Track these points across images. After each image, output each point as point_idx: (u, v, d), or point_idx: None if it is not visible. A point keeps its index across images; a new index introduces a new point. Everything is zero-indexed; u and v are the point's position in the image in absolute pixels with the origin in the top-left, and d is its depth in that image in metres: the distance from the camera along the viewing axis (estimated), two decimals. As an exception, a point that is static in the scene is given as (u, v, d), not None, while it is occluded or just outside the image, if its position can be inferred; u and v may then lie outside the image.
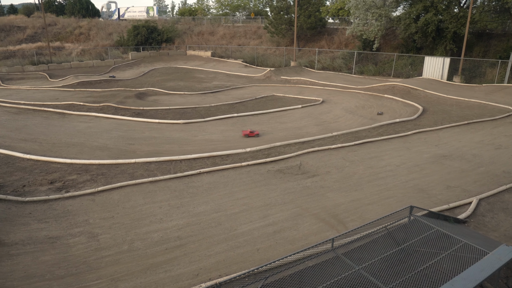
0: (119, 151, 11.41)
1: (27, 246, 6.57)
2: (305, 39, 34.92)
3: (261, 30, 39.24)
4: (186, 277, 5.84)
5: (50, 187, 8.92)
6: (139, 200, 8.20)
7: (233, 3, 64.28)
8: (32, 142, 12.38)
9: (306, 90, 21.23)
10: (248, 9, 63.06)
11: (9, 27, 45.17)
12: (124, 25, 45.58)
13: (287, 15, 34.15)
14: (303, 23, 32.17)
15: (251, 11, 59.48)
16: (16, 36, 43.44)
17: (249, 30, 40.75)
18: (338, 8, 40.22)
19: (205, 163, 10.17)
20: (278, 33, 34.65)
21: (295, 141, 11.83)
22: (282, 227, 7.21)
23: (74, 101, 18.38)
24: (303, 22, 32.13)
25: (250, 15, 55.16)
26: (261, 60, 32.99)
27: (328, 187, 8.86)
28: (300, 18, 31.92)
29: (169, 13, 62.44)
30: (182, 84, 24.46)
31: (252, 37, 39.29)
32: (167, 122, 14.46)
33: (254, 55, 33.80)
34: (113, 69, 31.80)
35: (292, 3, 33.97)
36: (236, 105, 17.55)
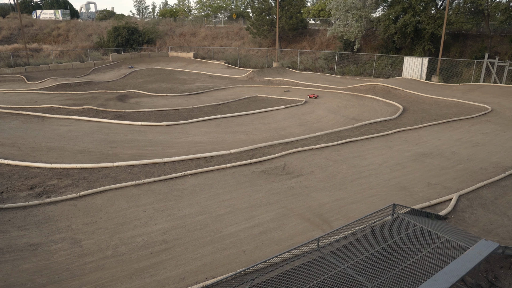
0: (101, 154, 11.21)
1: (7, 254, 6.39)
2: (287, 40, 35.12)
3: (243, 31, 39.27)
4: (173, 281, 5.79)
5: (30, 192, 8.70)
6: (123, 204, 8.08)
7: (214, 4, 64.12)
8: (10, 147, 12.04)
9: (289, 90, 21.35)
10: (229, 10, 63.01)
11: (-17, 28, 43.79)
12: (104, 26, 44.84)
13: (269, 16, 34.29)
14: (284, 24, 32.35)
15: (232, 12, 59.45)
16: (-9, 37, 42.15)
17: (231, 31, 40.71)
18: (319, 9, 40.62)
19: (189, 165, 10.10)
20: (260, 34, 34.76)
21: (279, 142, 11.89)
22: (268, 228, 7.24)
23: (53, 104, 17.97)
24: (285, 23, 32.32)
25: (232, 16, 55.13)
26: (244, 61, 33.01)
27: (312, 187, 8.93)
28: (282, 19, 32.10)
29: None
30: (164, 85, 24.23)
31: (234, 38, 39.27)
32: (149, 124, 14.30)
33: (236, 56, 33.79)
34: (93, 71, 31.23)
35: (273, 4, 34.13)
36: (219, 106, 17.51)
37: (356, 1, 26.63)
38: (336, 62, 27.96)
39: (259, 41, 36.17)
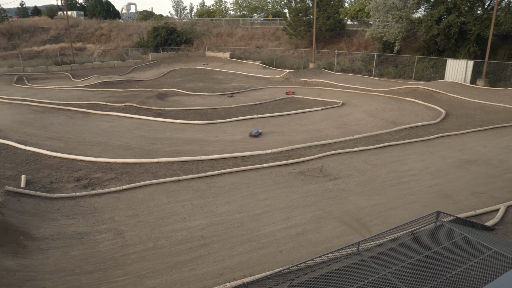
0: (142, 150, 11.60)
1: (57, 241, 6.76)
2: (324, 41, 34.77)
3: (280, 32, 39.26)
4: (211, 276, 5.90)
5: (77, 184, 9.14)
6: (163, 199, 8.33)
7: (251, 5, 64.53)
8: (58, 140, 12.71)
9: (326, 92, 21.14)
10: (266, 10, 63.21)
11: (34, 28, 46.42)
12: (144, 26, 46.27)
13: (306, 17, 34.07)
14: (322, 24, 32.05)
15: (269, 13, 59.58)
16: (40, 37, 44.61)
17: (268, 31, 40.81)
18: (357, 10, 39.89)
19: (226, 164, 10.25)
20: (297, 35, 34.61)
21: (316, 144, 11.80)
22: (305, 230, 7.21)
23: (97, 101, 18.77)
24: (322, 23, 32.01)
25: (268, 16, 55.27)
26: (280, 62, 32.99)
27: (350, 190, 8.81)
28: (319, 20, 31.81)
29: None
30: (201, 85, 24.68)
31: (271, 38, 39.33)
32: (188, 122, 14.63)
33: (272, 57, 33.84)
34: (133, 70, 32.32)
35: (311, 5, 33.88)
36: (255, 106, 17.61)
37: (397, 2, 25.93)
38: (374, 63, 27.36)
39: (296, 41, 36.03)
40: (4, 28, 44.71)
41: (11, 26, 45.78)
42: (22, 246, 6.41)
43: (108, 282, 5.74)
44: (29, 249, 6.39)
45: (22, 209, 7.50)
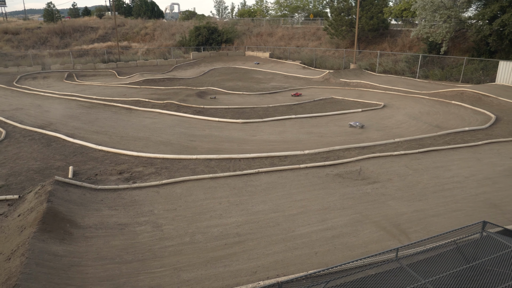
0: (181, 146, 11.90)
1: (99, 230, 7.08)
2: (366, 41, 33.95)
3: (320, 32, 38.80)
4: (245, 274, 5.94)
5: (119, 177, 9.53)
6: (200, 195, 8.49)
7: (292, 5, 64.23)
8: (103, 135, 13.32)
9: (367, 93, 20.63)
10: (307, 10, 62.66)
11: (84, 27, 48.92)
12: (186, 26, 47.36)
13: (348, 16, 33.42)
14: (364, 24, 31.30)
15: (310, 12, 59.03)
16: (89, 36, 46.92)
17: (308, 31, 40.45)
18: (402, 9, 38.56)
19: (263, 163, 10.28)
20: (338, 35, 34.04)
21: (355, 146, 11.55)
22: (341, 233, 7.09)
23: (140, 98, 19.48)
24: (365, 23, 31.26)
25: (309, 16, 54.77)
26: (320, 62, 32.60)
27: (389, 195, 8.55)
28: (362, 20, 31.09)
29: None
30: (240, 84, 24.91)
31: (311, 38, 38.95)
32: (226, 121, 14.83)
33: (312, 57, 33.51)
34: (175, 68, 33.20)
35: (353, 4, 33.19)
36: (294, 106, 17.52)
37: (446, 0, 24.79)
38: (419, 65, 26.34)
39: (337, 41, 35.46)
40: (57, 27, 47.47)
41: (64, 25, 48.52)
42: (68, 233, 6.77)
43: (146, 273, 5.93)
44: (74, 236, 6.74)
45: (69, 198, 7.93)
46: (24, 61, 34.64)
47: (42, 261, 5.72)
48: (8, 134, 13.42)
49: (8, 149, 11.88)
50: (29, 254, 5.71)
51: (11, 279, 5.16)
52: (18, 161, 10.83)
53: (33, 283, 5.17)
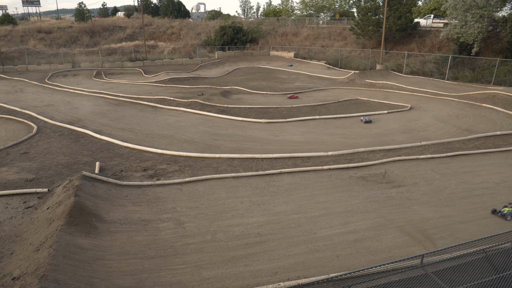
0: (204, 145, 12.00)
1: (124, 225, 7.23)
2: (393, 41, 33.22)
3: (346, 32, 38.25)
4: (265, 274, 5.93)
5: (144, 174, 9.70)
6: (222, 193, 8.54)
7: (317, 4, 63.70)
8: (129, 132, 13.60)
9: (393, 95, 20.19)
10: (333, 10, 61.99)
11: (112, 27, 50.15)
12: (212, 26, 47.74)
13: (375, 16, 32.78)
14: (392, 24, 30.63)
15: (336, 12, 58.35)
16: (118, 35, 48.04)
17: (334, 31, 39.98)
18: (432, 9, 37.52)
19: (286, 164, 10.23)
20: (364, 35, 33.44)
21: (379, 148, 11.32)
22: (364, 236, 6.96)
23: (165, 96, 19.79)
24: (392, 23, 30.58)
25: (335, 16, 54.14)
26: (345, 62, 32.14)
27: (415, 200, 8.33)
28: (389, 19, 30.44)
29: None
30: (264, 84, 24.89)
31: (337, 38, 38.48)
32: (249, 120, 14.85)
33: (337, 57, 33.08)
34: (200, 67, 33.54)
35: (381, 4, 32.53)
36: (318, 107, 17.35)
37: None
38: (448, 66, 25.54)
39: (363, 42, 34.85)
40: (88, 27, 48.87)
41: (94, 25, 49.90)
42: (93, 227, 6.95)
43: (168, 269, 6.01)
44: (99, 231, 6.91)
45: (95, 193, 8.14)
46: (55, 59, 35.85)
47: (68, 253, 5.89)
48: (40, 130, 13.92)
49: (39, 144, 12.32)
50: (56, 246, 5.90)
51: (40, 269, 5.34)
52: (48, 156, 11.20)
53: (60, 274, 5.33)
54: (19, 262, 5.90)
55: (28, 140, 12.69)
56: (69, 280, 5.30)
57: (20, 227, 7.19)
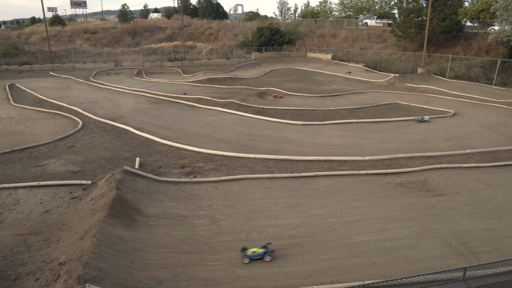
0: (240, 145, 12.12)
1: (161, 220, 7.45)
2: (436, 44, 32.01)
3: (387, 34, 37.29)
4: (299, 276, 5.90)
5: (181, 171, 9.94)
6: (257, 194, 8.58)
7: (357, 5, 62.54)
8: (168, 129, 13.98)
9: (435, 100, 19.46)
10: (373, 11, 60.66)
11: (153, 27, 51.75)
12: (249, 27, 48.10)
13: (418, 18, 31.70)
14: (436, 26, 29.52)
15: (376, 14, 57.04)
16: (158, 35, 49.50)
17: (373, 33, 39.11)
18: (479, 10, 35.76)
19: (321, 167, 10.13)
20: (406, 37, 32.43)
21: (420, 155, 10.95)
22: (401, 245, 6.76)
23: (203, 96, 20.15)
24: (436, 25, 29.46)
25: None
26: (384, 65, 31.34)
27: (457, 210, 7.99)
28: (433, 21, 29.35)
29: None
30: (301, 85, 24.76)
31: (376, 40, 37.62)
32: (285, 122, 14.83)
33: (377, 60, 32.31)
34: (237, 68, 33.88)
35: (424, 5, 31.43)
36: (355, 110, 17.04)
37: (533, 1, 22.54)
38: (496, 71, 24.26)
39: (404, 44, 33.82)
40: (130, 27, 50.75)
41: (135, 25, 51.75)
42: (133, 220, 7.21)
43: (203, 265, 6.13)
44: (139, 224, 7.16)
45: (135, 188, 8.43)
46: (99, 58, 37.50)
47: (110, 244, 6.15)
48: (84, 125, 14.61)
49: (84, 138, 12.94)
50: (99, 236, 6.17)
51: (84, 257, 5.62)
52: (92, 150, 11.74)
53: (102, 263, 5.57)
54: (65, 249, 6.23)
55: (74, 135, 13.36)
56: (110, 268, 5.54)
57: (66, 216, 7.59)
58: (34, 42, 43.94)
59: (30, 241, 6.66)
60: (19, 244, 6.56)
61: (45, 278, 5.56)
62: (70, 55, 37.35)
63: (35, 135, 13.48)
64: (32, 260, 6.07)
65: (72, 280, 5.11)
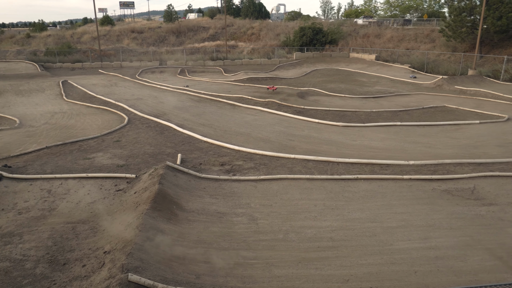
0: (280, 145, 12.10)
1: (201, 215, 7.59)
2: (490, 45, 30.24)
3: (435, 34, 35.73)
4: (336, 280, 5.79)
5: (221, 168, 10.09)
6: (296, 194, 8.53)
7: (404, 4, 60.43)
8: (209, 127, 14.24)
9: (487, 104, 18.38)
10: (421, 10, 58.34)
11: (197, 27, 52.96)
12: (291, 26, 47.91)
13: (470, 17, 30.10)
14: (490, 25, 27.87)
15: (424, 12, 54.81)
16: (201, 35, 50.59)
17: (421, 33, 37.61)
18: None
19: (362, 169, 9.89)
20: (456, 37, 30.87)
21: (469, 161, 10.38)
22: (446, 254, 6.44)
23: (243, 95, 20.33)
24: (491, 24, 27.80)
25: (422, 16, 50.90)
26: (432, 67, 30.04)
27: (509, 221, 7.49)
28: (487, 20, 27.72)
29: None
30: (342, 86, 24.32)
31: (424, 41, 36.14)
32: (326, 123, 14.62)
33: (424, 61, 31.03)
34: (278, 68, 33.87)
35: (478, 3, 29.76)
36: (399, 113, 16.47)
37: None
38: (557, 74, 22.54)
39: (454, 44, 32.24)
40: (174, 27, 52.28)
41: (180, 25, 53.19)
42: (174, 214, 7.40)
43: (240, 262, 6.17)
44: (179, 218, 7.34)
45: (177, 183, 8.66)
46: (145, 56, 38.90)
47: (151, 236, 6.35)
48: (130, 121, 15.22)
49: (129, 134, 13.48)
50: (142, 228, 6.40)
51: (127, 247, 5.84)
52: (136, 145, 12.20)
53: (143, 254, 5.77)
54: (109, 238, 6.52)
55: (120, 130, 13.96)
56: (151, 260, 5.72)
57: (111, 207, 7.94)
58: (86, 41, 46.42)
59: (78, 229, 7.03)
60: (69, 231, 6.94)
61: (91, 265, 5.85)
62: (118, 54, 39.08)
63: (85, 129, 14.23)
64: (79, 247, 6.41)
65: (116, 268, 5.33)
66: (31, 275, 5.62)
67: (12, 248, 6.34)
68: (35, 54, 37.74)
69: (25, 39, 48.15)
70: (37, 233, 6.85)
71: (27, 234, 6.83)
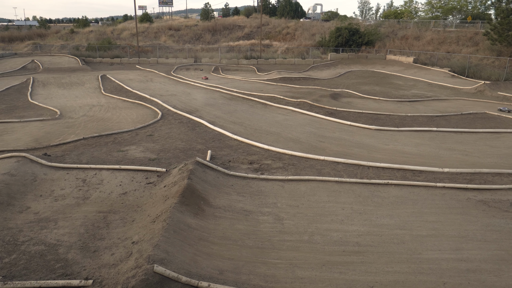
0: (309, 146, 12.00)
1: (227, 212, 7.67)
2: (539, 50, 28.56)
3: (479, 36, 34.16)
4: (360, 286, 5.68)
5: (249, 166, 10.14)
6: (323, 197, 8.43)
7: (446, 5, 58.15)
8: (239, 125, 14.35)
9: (531, 112, 17.39)
10: (464, 12, 55.95)
11: (232, 26, 53.40)
12: (327, 27, 47.30)
13: (519, 20, 28.55)
14: (540, 30, 26.34)
15: (468, 14, 52.50)
16: (236, 33, 50.96)
17: (463, 35, 36.07)
18: None
19: (394, 175, 9.62)
20: (502, 41, 29.38)
21: (509, 171, 9.86)
22: (479, 268, 6.16)
23: (275, 94, 20.32)
24: (541, 29, 26.28)
25: (466, 18, 48.77)
26: (474, 71, 28.75)
27: (551, 237, 7.06)
28: (537, 24, 26.21)
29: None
30: (377, 89, 23.76)
31: (466, 44, 34.64)
32: (358, 125, 14.34)
33: (465, 65, 29.73)
34: (311, 68, 33.58)
35: (528, 6, 28.19)
36: (436, 118, 15.89)
37: None
38: None
39: (499, 48, 30.68)
40: (210, 25, 52.96)
41: (216, 23, 53.83)
42: (201, 210, 7.52)
43: (264, 261, 6.18)
44: (206, 213, 7.45)
45: (205, 179, 8.79)
46: (181, 53, 39.71)
47: (178, 229, 6.49)
48: (163, 116, 15.60)
49: (162, 128, 13.82)
50: (169, 221, 6.55)
51: (154, 239, 6.00)
52: (168, 140, 12.49)
53: (169, 247, 5.91)
54: (138, 229, 6.73)
55: (153, 124, 14.34)
56: (176, 253, 5.85)
57: (141, 199, 8.18)
58: (125, 38, 48.00)
59: (109, 218, 7.30)
60: (100, 220, 7.22)
61: (119, 254, 6.06)
62: (154, 50, 40.12)
63: (120, 122, 14.73)
64: (109, 236, 6.65)
65: (143, 259, 5.49)
66: (63, 260, 5.89)
67: (48, 233, 6.68)
68: (78, 49, 39.48)
69: (69, 34, 50.49)
70: (71, 220, 7.17)
71: (61, 220, 7.17)
